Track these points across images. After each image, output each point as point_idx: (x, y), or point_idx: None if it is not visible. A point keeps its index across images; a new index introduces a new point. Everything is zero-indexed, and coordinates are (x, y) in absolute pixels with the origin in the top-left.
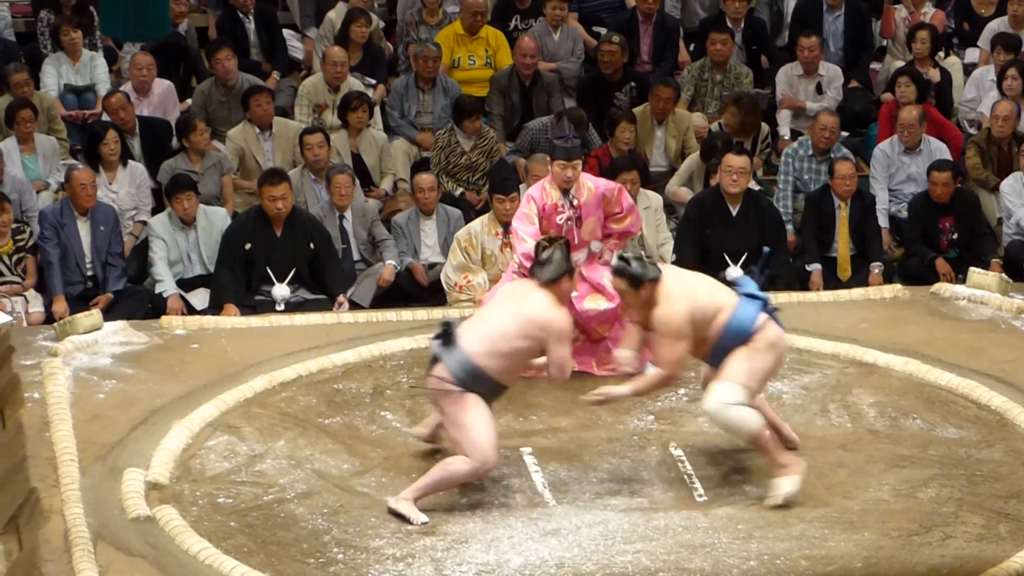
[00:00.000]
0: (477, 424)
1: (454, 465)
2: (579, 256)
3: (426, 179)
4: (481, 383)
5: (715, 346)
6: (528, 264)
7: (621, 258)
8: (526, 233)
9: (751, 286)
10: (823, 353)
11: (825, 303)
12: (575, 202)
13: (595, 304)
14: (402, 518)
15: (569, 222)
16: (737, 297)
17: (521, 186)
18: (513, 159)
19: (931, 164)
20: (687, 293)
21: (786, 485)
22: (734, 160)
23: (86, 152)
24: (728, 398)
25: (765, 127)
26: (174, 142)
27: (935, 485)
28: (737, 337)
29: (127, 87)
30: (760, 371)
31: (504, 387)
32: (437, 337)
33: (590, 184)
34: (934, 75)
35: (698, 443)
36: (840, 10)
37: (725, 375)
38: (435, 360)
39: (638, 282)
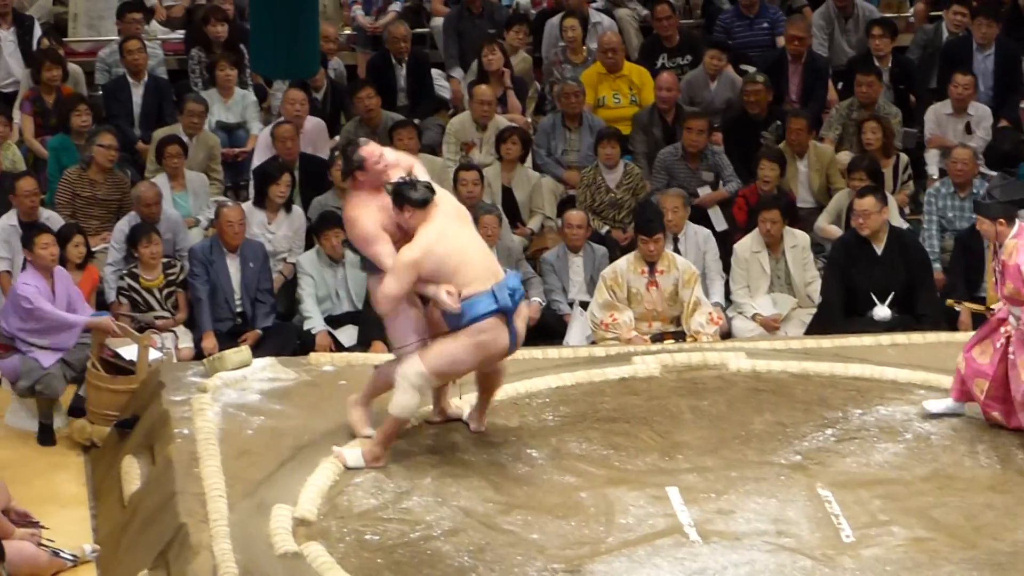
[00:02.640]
0: None
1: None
2: None
3: (576, 216)
4: None
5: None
6: None
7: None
8: None
9: (515, 281)
10: None
11: None
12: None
13: None
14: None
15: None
16: (492, 285)
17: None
18: (657, 197)
19: None
20: (436, 241)
21: (352, 457)
22: (859, 202)
23: (256, 189)
24: (411, 376)
25: (904, 157)
26: None
27: None
28: (456, 317)
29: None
30: (457, 361)
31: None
32: None
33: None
34: None
35: (845, 483)
36: (990, 49)
37: (426, 353)
38: None
39: (401, 201)
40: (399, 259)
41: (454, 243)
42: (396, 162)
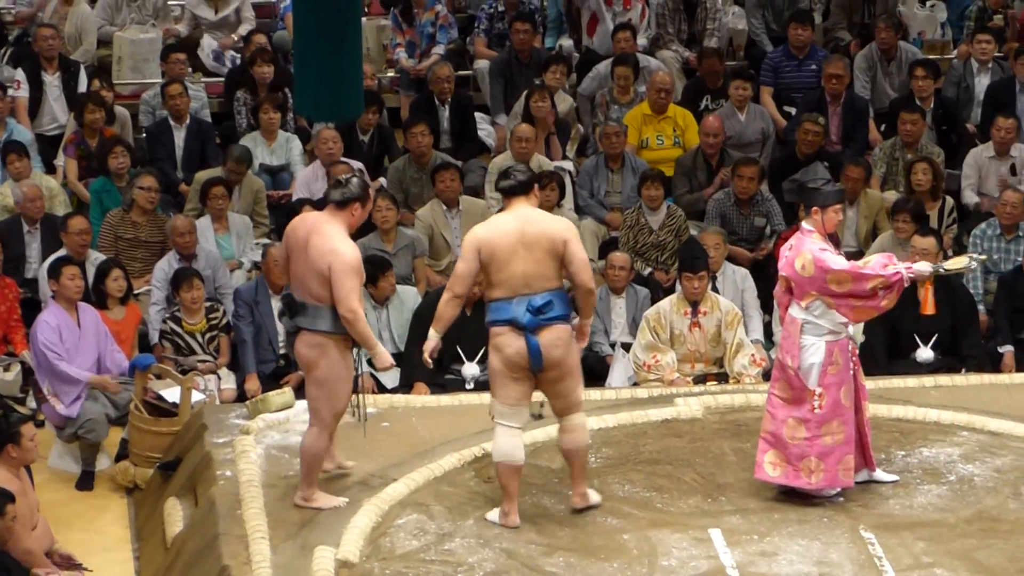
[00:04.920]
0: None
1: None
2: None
3: (620, 257)
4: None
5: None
6: (879, 271)
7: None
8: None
9: (540, 300)
10: (1016, 435)
11: (1018, 385)
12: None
13: None
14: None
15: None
16: (516, 296)
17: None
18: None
19: None
20: (500, 228)
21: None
22: (920, 241)
23: None
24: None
25: (950, 200)
26: None
27: None
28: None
29: (316, 165)
30: (491, 369)
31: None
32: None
33: None
34: None
35: (888, 525)
36: None
37: None
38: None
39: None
40: (470, 233)
41: (509, 243)
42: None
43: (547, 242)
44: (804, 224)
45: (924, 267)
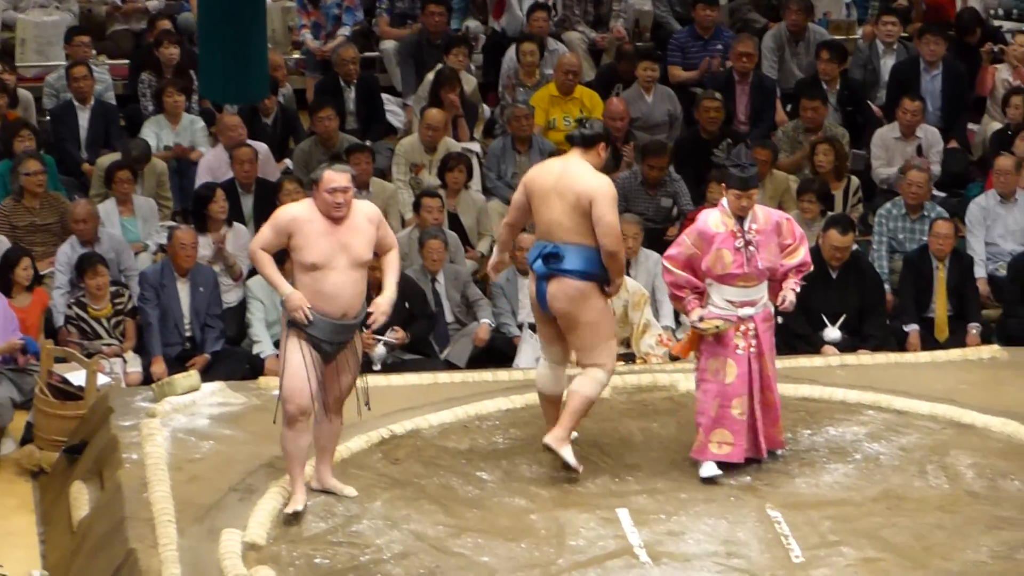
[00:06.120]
0: None
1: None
2: (760, 291)
3: (527, 239)
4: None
5: None
6: (676, 292)
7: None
8: (673, 264)
9: (551, 248)
10: (921, 414)
11: (923, 364)
12: (753, 227)
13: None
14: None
15: (750, 247)
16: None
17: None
18: None
19: None
20: (540, 172)
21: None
22: (839, 240)
23: (193, 213)
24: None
25: (855, 180)
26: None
27: None
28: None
29: (218, 149)
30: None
31: None
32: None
33: (764, 211)
34: None
35: (795, 504)
36: (938, 69)
37: None
38: None
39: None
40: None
41: (545, 187)
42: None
43: (573, 195)
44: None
45: (695, 315)
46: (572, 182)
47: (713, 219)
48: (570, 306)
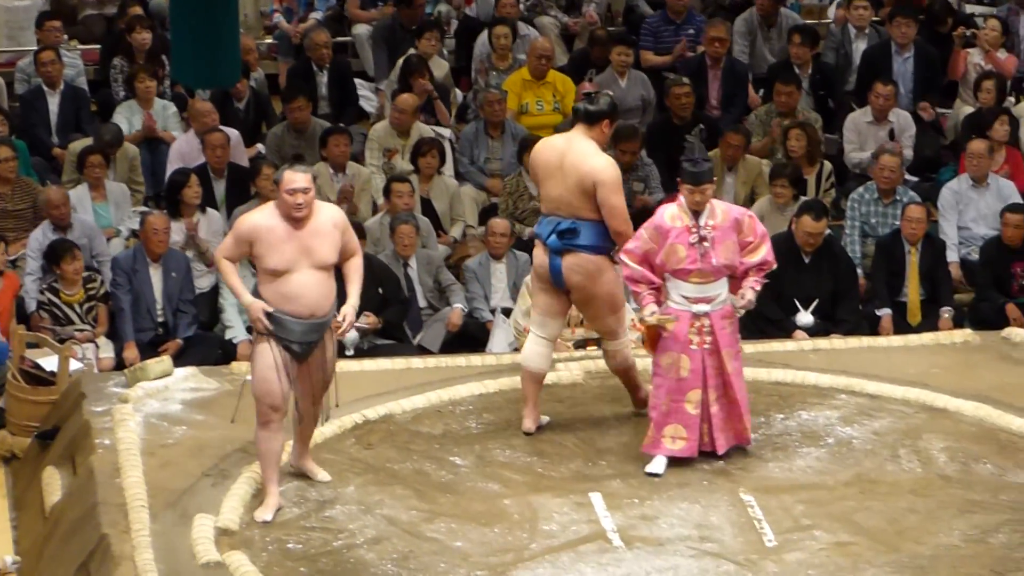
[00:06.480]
0: None
1: None
2: (718, 288)
3: (500, 224)
4: None
5: None
6: (632, 287)
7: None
8: (630, 258)
9: (565, 224)
10: (893, 398)
11: (895, 348)
12: (709, 223)
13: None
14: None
15: (704, 243)
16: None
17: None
18: None
19: (1005, 207)
20: (546, 145)
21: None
22: (812, 226)
23: (166, 199)
24: None
25: (828, 164)
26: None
27: (1006, 530)
28: None
29: (190, 135)
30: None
31: None
32: None
33: (723, 208)
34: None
35: (768, 488)
36: (909, 52)
37: None
38: None
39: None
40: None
41: (550, 163)
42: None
43: (576, 176)
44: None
45: (647, 310)
46: (575, 163)
47: (669, 213)
48: (587, 280)
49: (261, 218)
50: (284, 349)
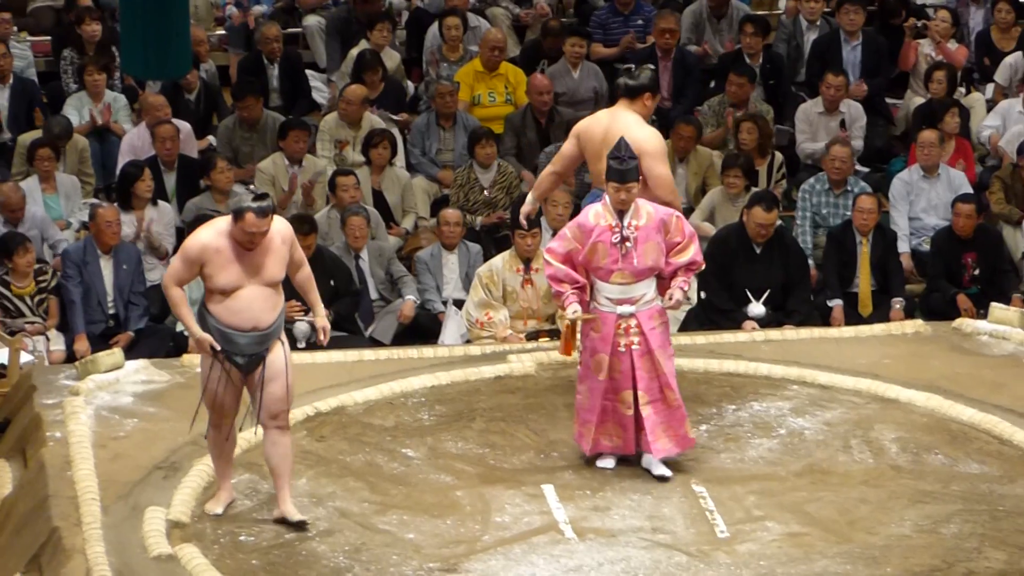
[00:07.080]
0: None
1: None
2: (642, 288)
3: (452, 214)
4: None
5: None
6: (555, 286)
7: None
8: (554, 257)
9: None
10: (845, 389)
11: (847, 339)
12: (633, 224)
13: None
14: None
15: (627, 243)
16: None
17: (542, 218)
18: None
19: (956, 197)
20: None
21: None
22: (763, 217)
23: (118, 191)
24: None
25: (779, 155)
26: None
27: (958, 521)
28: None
29: (141, 127)
30: None
31: None
32: None
33: (649, 209)
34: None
35: (720, 479)
36: (858, 40)
37: None
38: None
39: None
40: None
41: (596, 139)
42: None
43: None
44: None
45: (570, 310)
46: (620, 134)
47: (594, 212)
48: None
49: (210, 239)
50: (227, 360)
